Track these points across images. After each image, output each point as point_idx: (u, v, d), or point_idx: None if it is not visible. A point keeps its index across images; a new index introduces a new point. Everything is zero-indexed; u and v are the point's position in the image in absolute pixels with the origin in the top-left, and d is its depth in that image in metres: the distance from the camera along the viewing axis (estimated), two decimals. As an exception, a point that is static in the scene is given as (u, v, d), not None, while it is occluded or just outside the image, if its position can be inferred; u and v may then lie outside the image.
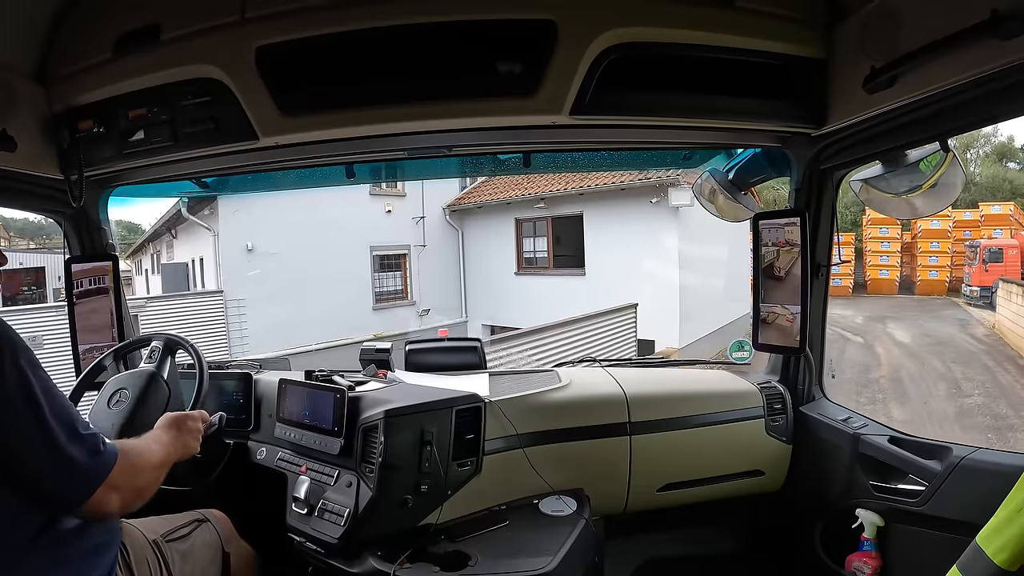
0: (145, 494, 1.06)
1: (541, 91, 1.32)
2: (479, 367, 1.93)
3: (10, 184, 1.56)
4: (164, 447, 1.17)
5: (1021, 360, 9.95)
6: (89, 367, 1.62)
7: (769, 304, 1.76)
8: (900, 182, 1.43)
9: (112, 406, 1.46)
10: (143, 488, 1.05)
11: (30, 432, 0.89)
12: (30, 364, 0.91)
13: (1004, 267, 14.64)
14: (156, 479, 1.10)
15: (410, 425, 1.43)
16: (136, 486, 1.02)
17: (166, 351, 1.55)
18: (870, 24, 1.24)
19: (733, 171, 1.93)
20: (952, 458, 1.37)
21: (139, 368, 1.54)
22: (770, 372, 1.98)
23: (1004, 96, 1.09)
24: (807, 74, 1.41)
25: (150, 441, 1.15)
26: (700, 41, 1.34)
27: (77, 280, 1.87)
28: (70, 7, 1.45)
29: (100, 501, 0.95)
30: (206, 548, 1.36)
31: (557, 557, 1.36)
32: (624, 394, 1.78)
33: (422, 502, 1.45)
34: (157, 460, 1.11)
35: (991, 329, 12.46)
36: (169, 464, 1.17)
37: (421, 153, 1.74)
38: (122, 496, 0.98)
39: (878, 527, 1.55)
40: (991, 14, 0.96)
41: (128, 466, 1.00)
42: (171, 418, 1.27)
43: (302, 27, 1.31)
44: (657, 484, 1.78)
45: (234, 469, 1.64)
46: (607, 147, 1.86)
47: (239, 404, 1.76)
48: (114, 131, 1.51)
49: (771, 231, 1.73)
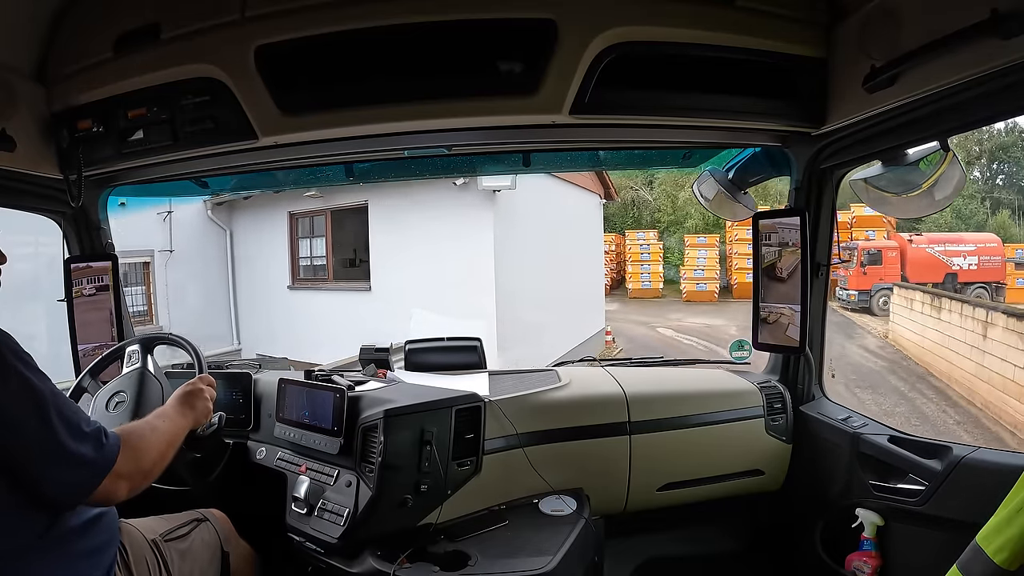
0: (153, 474, 1.09)
1: (541, 90, 1.32)
2: (479, 367, 1.93)
3: (9, 184, 1.56)
4: (172, 421, 1.21)
5: (935, 379, 9.42)
6: (89, 367, 1.62)
7: (768, 303, 1.76)
8: (900, 181, 1.43)
9: (112, 409, 1.46)
10: (149, 470, 1.07)
11: (35, 433, 0.91)
12: (30, 368, 0.93)
13: (883, 270, 14.25)
14: (164, 455, 1.12)
15: (410, 425, 1.43)
16: (142, 469, 1.05)
17: (144, 350, 1.56)
18: (870, 23, 1.24)
19: (733, 171, 1.93)
20: (952, 457, 1.37)
21: (127, 370, 1.54)
22: (770, 371, 1.98)
23: (1004, 95, 1.09)
24: (807, 73, 1.41)
25: (155, 419, 1.18)
26: (700, 40, 1.34)
27: (76, 280, 1.87)
28: (70, 7, 1.45)
29: (108, 491, 0.98)
30: (205, 548, 1.36)
31: (557, 557, 1.36)
32: (624, 393, 1.78)
33: (422, 502, 1.45)
34: (164, 438, 1.14)
35: (884, 339, 11.96)
36: (182, 436, 1.22)
37: (421, 152, 1.74)
38: (129, 481, 1.01)
39: (878, 526, 1.54)
40: (991, 13, 0.96)
41: (132, 452, 1.02)
42: (178, 391, 1.31)
43: (302, 26, 1.31)
44: (657, 484, 1.78)
45: (234, 469, 1.63)
46: (607, 146, 1.86)
47: (239, 404, 1.76)
48: (113, 131, 1.51)
49: (782, 231, 1.72)
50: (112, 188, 1.86)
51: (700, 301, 17.57)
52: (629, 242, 19.61)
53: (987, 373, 8.01)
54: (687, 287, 18.22)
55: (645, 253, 19.08)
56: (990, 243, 15.03)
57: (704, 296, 17.75)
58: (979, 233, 16.05)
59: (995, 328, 7.96)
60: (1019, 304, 13.29)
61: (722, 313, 15.86)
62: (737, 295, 17.77)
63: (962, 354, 8.83)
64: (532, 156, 1.86)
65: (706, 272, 18.13)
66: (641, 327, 14.03)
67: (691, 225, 21.15)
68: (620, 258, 20.34)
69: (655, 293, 18.82)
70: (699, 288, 18.00)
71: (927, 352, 10.17)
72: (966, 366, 8.69)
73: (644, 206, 23.56)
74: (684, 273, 18.33)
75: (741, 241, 17.44)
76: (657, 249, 19.14)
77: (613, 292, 18.94)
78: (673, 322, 10.86)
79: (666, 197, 22.70)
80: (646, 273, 18.97)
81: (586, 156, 1.97)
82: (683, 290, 18.27)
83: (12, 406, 0.89)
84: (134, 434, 1.07)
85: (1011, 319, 7.60)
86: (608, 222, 22.99)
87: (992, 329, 8.05)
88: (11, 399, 0.89)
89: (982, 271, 14.48)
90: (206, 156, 1.58)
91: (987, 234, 15.99)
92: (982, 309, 8.50)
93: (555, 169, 2.06)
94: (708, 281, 18.01)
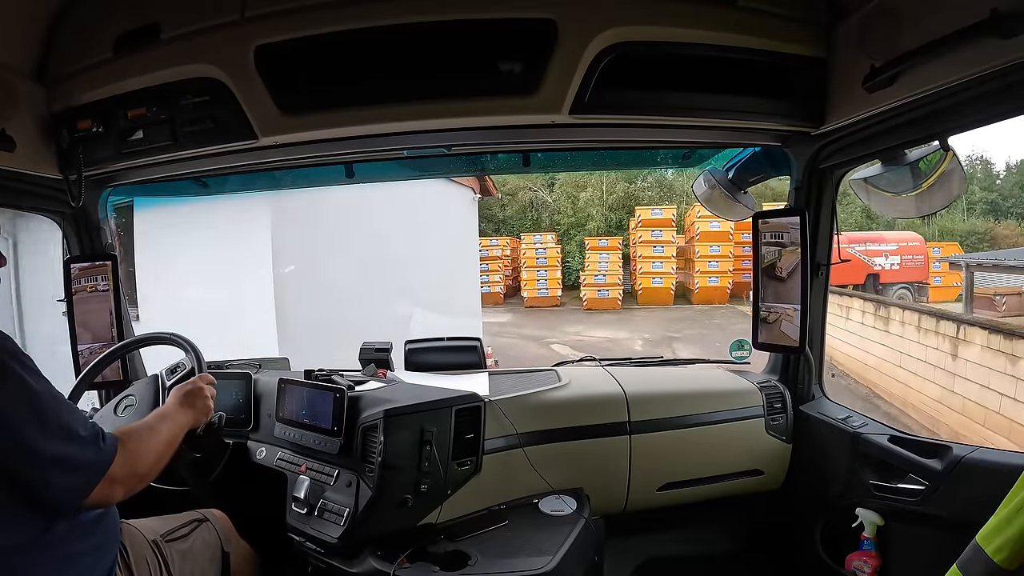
0: (149, 476, 1.09)
1: (541, 90, 1.32)
2: (479, 366, 1.93)
3: (9, 184, 1.56)
4: (172, 421, 1.21)
5: (883, 402, 8.17)
6: (89, 367, 1.62)
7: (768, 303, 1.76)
8: (900, 181, 1.43)
9: (120, 412, 1.47)
10: (146, 473, 1.07)
11: (31, 436, 0.90)
12: (28, 369, 0.92)
13: None
14: (162, 457, 1.13)
15: (410, 425, 1.43)
16: (138, 473, 1.05)
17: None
18: (870, 23, 1.24)
19: (732, 170, 1.93)
20: (952, 457, 1.37)
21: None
22: (770, 371, 1.98)
23: (1004, 95, 1.09)
24: (807, 73, 1.41)
25: (154, 420, 1.18)
26: (700, 40, 1.34)
27: (76, 280, 1.87)
28: (70, 7, 1.45)
29: (103, 494, 0.98)
30: (206, 548, 1.36)
31: (557, 557, 1.36)
32: (624, 393, 1.78)
33: (422, 502, 1.45)
34: (163, 439, 1.15)
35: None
36: (181, 435, 1.22)
37: (420, 152, 1.74)
38: (124, 485, 1.01)
39: (878, 526, 1.54)
40: (991, 13, 0.96)
41: (129, 456, 1.02)
42: (178, 391, 1.32)
43: (302, 26, 1.31)
44: (657, 483, 1.78)
45: (234, 469, 1.64)
46: (607, 146, 1.86)
47: (239, 404, 1.76)
48: (113, 131, 1.51)
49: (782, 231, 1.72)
50: (112, 188, 1.86)
51: (602, 309, 16.07)
52: (525, 246, 17.73)
53: (959, 401, 6.85)
54: (588, 294, 16.50)
55: (542, 258, 17.32)
56: (912, 242, 14.27)
57: (606, 304, 16.22)
58: (901, 232, 14.93)
59: (970, 347, 6.75)
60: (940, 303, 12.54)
61: (626, 323, 14.27)
62: (643, 301, 16.55)
63: (922, 375, 7.55)
64: (532, 156, 1.86)
65: (608, 277, 16.52)
66: (532, 343, 12.15)
67: (593, 227, 19.70)
68: (516, 264, 18.48)
69: (553, 301, 17.11)
70: (601, 295, 16.38)
71: (871, 370, 8.81)
72: (928, 390, 7.40)
73: (544, 207, 22.12)
74: (584, 279, 16.67)
75: (645, 243, 16.38)
76: (555, 253, 17.53)
77: (509, 300, 17.77)
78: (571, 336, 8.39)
79: (567, 198, 21.13)
80: (543, 280, 17.22)
81: (586, 156, 1.97)
82: (583, 297, 16.60)
83: (8, 408, 0.88)
84: (132, 437, 1.07)
85: (994, 336, 6.44)
86: (505, 225, 21.73)
87: (966, 348, 6.82)
88: (8, 401, 0.88)
89: (904, 271, 13.80)
90: (206, 156, 1.58)
91: (909, 232, 15.07)
92: (950, 323, 7.20)
93: (555, 169, 2.06)
94: (611, 287, 16.41)
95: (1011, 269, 10.71)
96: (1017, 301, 13.00)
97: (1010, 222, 21.79)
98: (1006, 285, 13.51)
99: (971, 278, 11.00)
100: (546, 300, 17.11)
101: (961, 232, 20.44)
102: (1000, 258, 11.47)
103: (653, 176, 20.97)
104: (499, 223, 22.19)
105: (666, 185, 21.31)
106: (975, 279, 11.05)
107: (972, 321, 7.02)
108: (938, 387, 7.28)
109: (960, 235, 19.73)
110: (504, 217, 22.44)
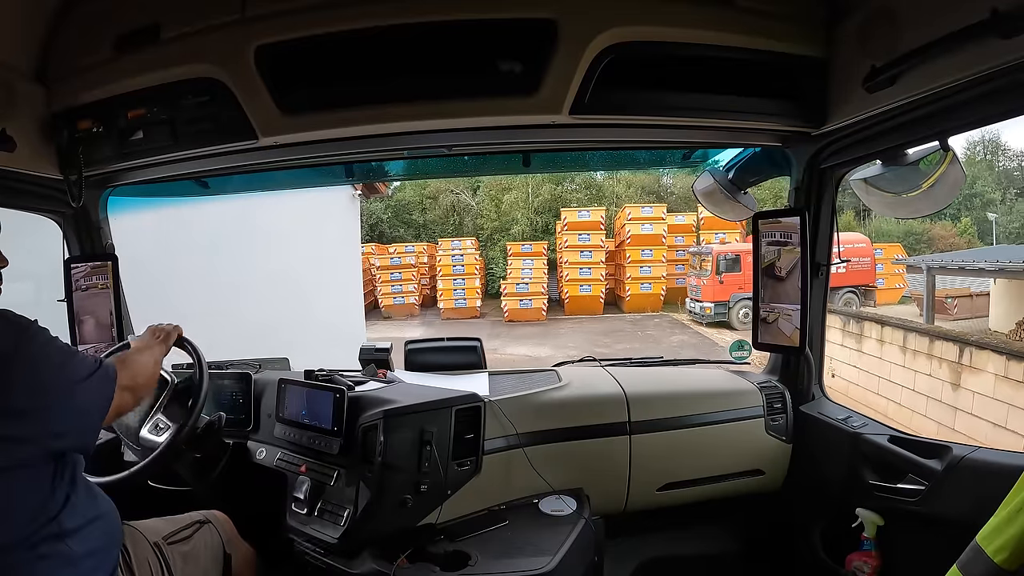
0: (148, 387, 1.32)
1: (541, 90, 1.32)
2: (479, 367, 1.93)
3: (9, 184, 1.56)
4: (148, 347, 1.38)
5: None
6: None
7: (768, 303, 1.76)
8: (900, 181, 1.43)
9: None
10: (144, 384, 1.27)
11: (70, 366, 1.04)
12: (45, 336, 1.03)
13: (742, 277, 12.39)
14: (152, 374, 1.33)
15: (410, 425, 1.43)
16: (138, 383, 1.23)
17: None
18: (870, 23, 1.24)
19: (733, 170, 1.93)
20: (952, 457, 1.37)
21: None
22: (770, 371, 1.98)
23: (1004, 95, 1.09)
24: (807, 73, 1.41)
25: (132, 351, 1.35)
26: (700, 40, 1.34)
27: (77, 280, 1.87)
28: (70, 7, 1.45)
29: (119, 405, 1.12)
30: (208, 550, 1.36)
31: (557, 557, 1.36)
32: (624, 393, 1.78)
33: (422, 502, 1.45)
34: (149, 357, 1.33)
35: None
36: (161, 359, 1.40)
37: (421, 152, 1.74)
38: (132, 393, 1.19)
39: (878, 526, 1.54)
40: (991, 13, 0.96)
41: (127, 370, 1.19)
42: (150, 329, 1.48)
43: (302, 26, 1.31)
44: (657, 483, 1.78)
45: (234, 469, 1.64)
46: (607, 146, 1.86)
47: (239, 404, 1.76)
48: (114, 131, 1.51)
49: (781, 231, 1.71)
50: (112, 188, 1.86)
51: (525, 320, 14.91)
52: (441, 252, 16.48)
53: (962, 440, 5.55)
54: (509, 304, 15.33)
55: (459, 265, 16.03)
56: (859, 243, 13.63)
57: (530, 314, 15.03)
58: (847, 233, 14.25)
59: (980, 374, 5.84)
60: (885, 305, 12.24)
61: (551, 336, 13.02)
62: (570, 310, 15.38)
63: (908, 405, 6.76)
64: (532, 156, 1.86)
65: (532, 286, 15.41)
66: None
67: (518, 231, 18.86)
68: (432, 271, 17.27)
69: (472, 312, 15.89)
70: (523, 305, 15.21)
71: (839, 395, 7.43)
72: (925, 425, 6.46)
73: (467, 211, 21.15)
74: (506, 288, 15.49)
75: (572, 248, 15.32)
76: (474, 260, 16.36)
77: (427, 311, 16.60)
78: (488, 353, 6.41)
79: (490, 201, 20.11)
80: (460, 289, 15.92)
81: (586, 156, 1.97)
82: (504, 308, 15.45)
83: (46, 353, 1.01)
84: (122, 360, 1.23)
85: (1012, 362, 5.47)
86: (426, 230, 20.78)
87: (975, 376, 5.88)
88: (41, 350, 1.01)
89: (851, 274, 13.13)
90: (206, 156, 1.58)
91: (855, 234, 14.53)
92: (951, 344, 6.16)
93: (555, 169, 2.06)
94: (534, 296, 15.26)
95: (980, 272, 10.12)
96: (968, 303, 12.74)
97: (945, 223, 21.77)
98: (956, 287, 13.17)
99: (932, 282, 10.49)
100: (464, 311, 15.89)
101: (898, 233, 20.34)
102: (967, 260, 10.70)
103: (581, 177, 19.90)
104: (419, 228, 21.46)
105: (595, 186, 20.42)
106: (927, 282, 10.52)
107: (959, 339, 6.28)
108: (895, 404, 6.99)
109: (898, 236, 19.57)
110: (424, 222, 21.62)
